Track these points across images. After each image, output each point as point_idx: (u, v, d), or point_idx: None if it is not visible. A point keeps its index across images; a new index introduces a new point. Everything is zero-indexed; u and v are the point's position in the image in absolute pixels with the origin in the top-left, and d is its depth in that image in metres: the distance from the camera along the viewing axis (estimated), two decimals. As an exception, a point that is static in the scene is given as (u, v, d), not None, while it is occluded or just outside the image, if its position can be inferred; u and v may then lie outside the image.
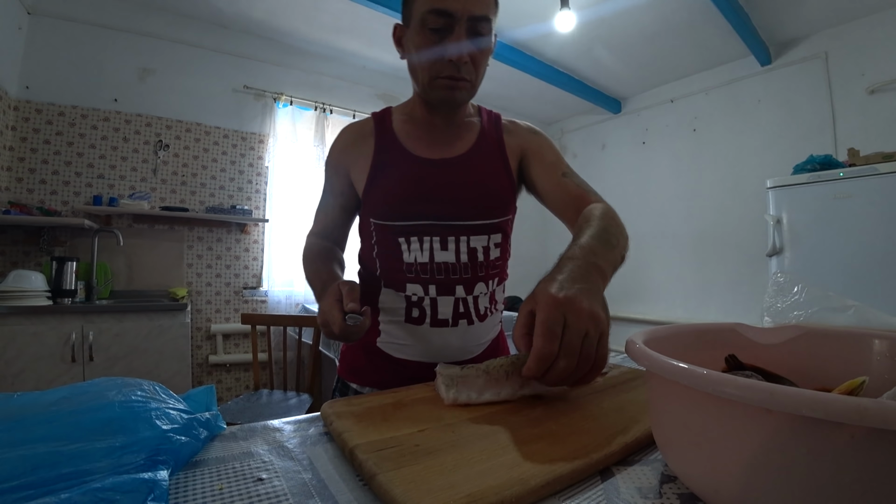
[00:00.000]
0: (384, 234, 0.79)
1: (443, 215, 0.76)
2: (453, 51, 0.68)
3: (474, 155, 0.81)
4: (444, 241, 0.77)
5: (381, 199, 0.78)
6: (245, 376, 2.93)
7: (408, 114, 0.84)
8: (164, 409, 0.40)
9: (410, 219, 0.76)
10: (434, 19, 0.67)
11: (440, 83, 0.72)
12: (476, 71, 0.74)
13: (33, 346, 1.87)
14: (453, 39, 0.68)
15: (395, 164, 0.79)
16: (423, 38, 0.70)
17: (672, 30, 2.79)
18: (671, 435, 0.33)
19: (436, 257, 0.76)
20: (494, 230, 0.80)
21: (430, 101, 0.78)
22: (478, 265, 0.78)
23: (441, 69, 0.71)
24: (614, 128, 4.01)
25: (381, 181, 0.79)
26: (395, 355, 0.79)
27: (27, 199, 2.36)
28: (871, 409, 0.20)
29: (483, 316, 0.80)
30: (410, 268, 0.77)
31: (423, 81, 0.74)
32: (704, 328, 0.47)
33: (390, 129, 0.82)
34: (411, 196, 0.76)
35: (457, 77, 0.71)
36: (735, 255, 3.09)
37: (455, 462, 0.35)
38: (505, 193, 0.81)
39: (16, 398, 0.39)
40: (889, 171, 1.88)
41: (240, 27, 2.91)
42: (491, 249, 0.80)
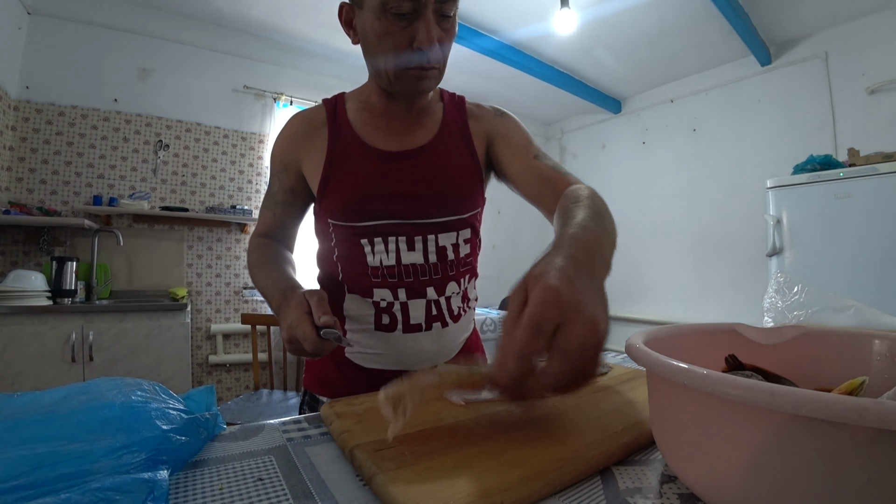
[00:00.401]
0: (345, 236, 0.72)
1: (407, 213, 0.70)
2: (423, 39, 0.60)
3: (438, 144, 0.74)
4: (410, 242, 0.71)
5: (339, 197, 0.71)
6: (245, 376, 2.93)
7: (363, 101, 0.75)
8: (164, 409, 0.40)
9: (372, 218, 0.70)
10: (398, 4, 0.58)
11: (408, 74, 0.64)
12: (444, 56, 0.66)
13: (33, 346, 1.87)
14: (421, 25, 0.60)
15: (352, 159, 0.71)
16: (386, 25, 0.60)
17: (672, 30, 2.79)
18: (671, 435, 0.33)
19: (403, 259, 0.71)
20: (463, 226, 0.74)
21: (395, 92, 0.70)
22: (448, 264, 0.73)
23: (409, 59, 0.63)
24: (614, 128, 4.01)
25: (338, 178, 0.71)
26: (366, 366, 0.73)
27: (27, 199, 2.36)
28: (871, 409, 0.20)
29: (457, 316, 0.75)
30: (376, 272, 0.71)
31: (388, 72, 0.65)
32: (704, 328, 0.47)
33: (345, 119, 0.74)
34: (372, 194, 0.70)
35: (426, 66, 0.64)
36: (735, 255, 3.09)
37: (455, 462, 0.35)
38: (472, 185, 0.75)
39: (16, 398, 0.39)
40: (889, 171, 1.88)
41: (240, 27, 2.91)
42: (460, 246, 0.75)
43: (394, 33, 0.61)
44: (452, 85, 3.00)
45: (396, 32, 0.61)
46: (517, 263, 3.85)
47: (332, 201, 0.71)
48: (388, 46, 0.63)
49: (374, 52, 0.65)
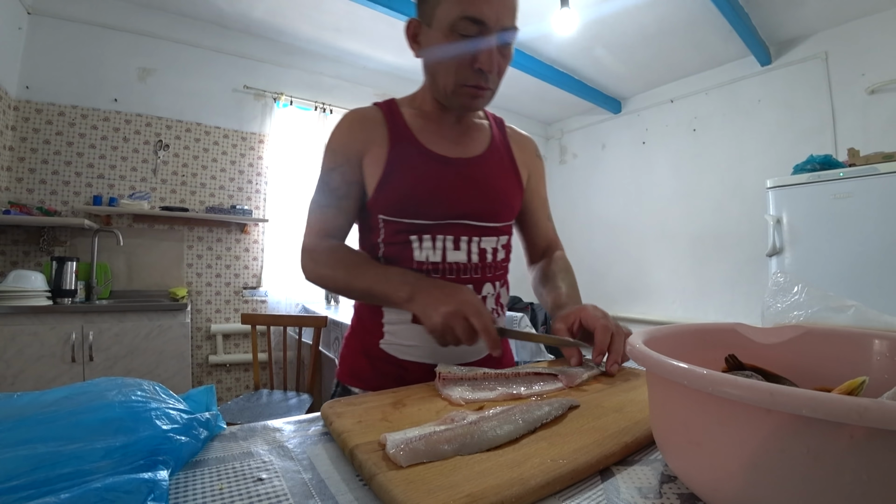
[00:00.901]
0: (394, 231, 0.76)
1: (458, 214, 0.76)
2: (485, 61, 0.67)
3: (489, 157, 0.82)
4: (456, 241, 0.76)
5: (397, 195, 0.75)
6: (245, 376, 2.93)
7: (417, 108, 0.81)
8: (164, 409, 0.40)
9: (425, 217, 0.75)
10: (467, 26, 0.66)
11: (465, 91, 0.71)
12: (499, 80, 0.74)
13: (33, 346, 1.87)
14: (484, 48, 0.67)
15: (413, 160, 0.76)
16: (452, 44, 0.68)
17: (672, 30, 2.79)
18: (671, 435, 0.33)
19: (448, 257, 0.76)
20: (502, 232, 0.82)
21: (450, 106, 0.76)
22: (486, 266, 0.79)
23: (468, 77, 0.70)
24: (614, 128, 4.01)
25: (397, 175, 0.75)
26: (399, 357, 0.77)
27: (27, 199, 2.36)
28: (871, 409, 0.20)
29: None
30: (421, 267, 0.75)
31: (446, 86, 0.72)
32: (704, 328, 0.47)
33: (403, 122, 0.79)
34: (429, 193, 0.75)
35: (483, 87, 0.71)
36: (735, 255, 3.09)
37: (455, 462, 0.35)
38: (515, 198, 0.84)
39: (16, 398, 0.39)
40: (889, 171, 1.87)
41: (240, 27, 2.91)
42: (498, 251, 0.82)
43: (459, 52, 0.68)
44: (452, 85, 2.88)
45: (460, 52, 0.68)
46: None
47: (389, 197, 0.75)
48: (450, 63, 0.69)
49: (437, 67, 0.72)
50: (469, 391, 0.55)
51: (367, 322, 0.81)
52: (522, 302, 3.58)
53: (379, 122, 0.78)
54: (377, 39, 2.96)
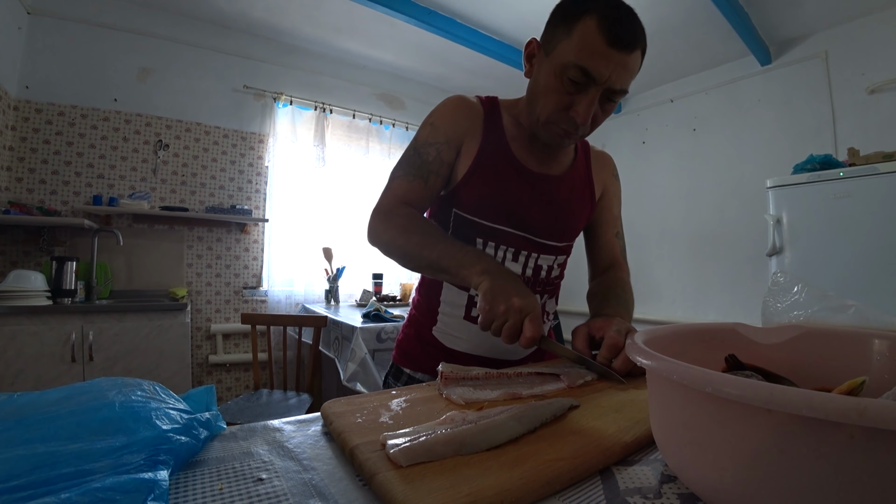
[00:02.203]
0: (463, 228, 0.79)
1: (526, 228, 0.79)
2: (581, 113, 0.67)
3: (568, 178, 0.83)
4: (517, 254, 0.80)
5: (475, 194, 0.77)
6: (245, 376, 2.93)
7: (515, 116, 0.81)
8: (164, 409, 0.40)
9: (497, 222, 0.78)
10: (577, 74, 0.64)
11: (553, 129, 0.71)
12: (593, 128, 0.73)
13: (33, 346, 1.87)
14: (586, 100, 0.66)
15: (499, 165, 0.77)
16: (558, 84, 0.67)
17: (672, 30, 2.79)
18: (671, 435, 0.33)
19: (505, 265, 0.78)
20: (562, 252, 0.85)
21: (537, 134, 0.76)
22: (539, 281, 0.83)
23: (561, 119, 0.70)
24: (614, 128, 4.01)
25: (482, 177, 0.77)
26: (447, 345, 0.82)
27: (27, 199, 2.36)
28: (871, 409, 0.20)
29: None
30: None
31: (540, 118, 0.72)
32: (704, 328, 0.47)
33: (500, 125, 0.80)
34: (506, 201, 0.77)
35: (571, 132, 0.71)
36: (735, 255, 3.09)
37: (455, 462, 0.35)
38: (583, 220, 0.87)
39: (16, 398, 0.39)
40: (889, 171, 1.87)
41: (240, 27, 2.91)
42: (553, 269, 0.85)
43: (560, 93, 0.68)
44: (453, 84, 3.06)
45: (563, 94, 0.67)
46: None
47: (468, 195, 0.77)
48: (550, 100, 0.69)
49: (537, 96, 0.72)
50: (470, 391, 0.55)
51: (424, 311, 0.86)
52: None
53: (480, 115, 0.79)
54: (377, 39, 2.96)
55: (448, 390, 0.54)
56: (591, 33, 0.62)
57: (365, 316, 2.21)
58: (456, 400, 0.52)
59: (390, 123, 3.39)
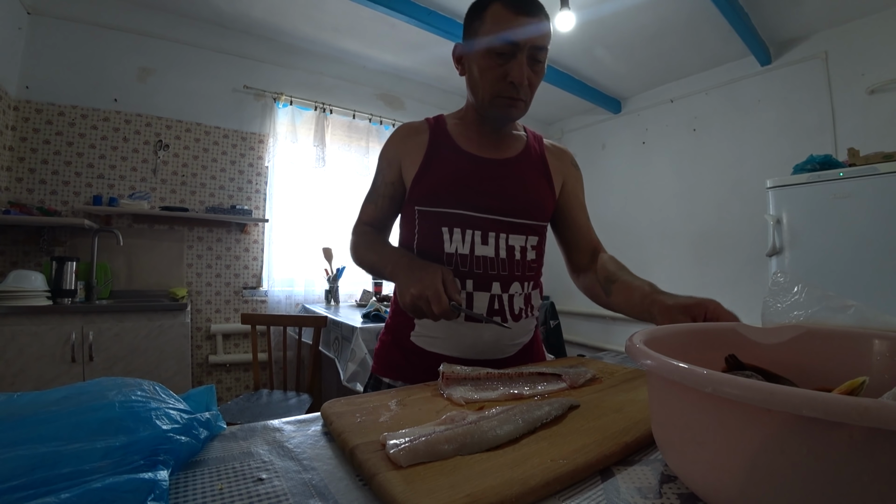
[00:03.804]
0: (428, 222, 0.83)
1: (487, 208, 0.82)
2: (516, 75, 0.75)
3: (521, 161, 0.88)
4: (485, 236, 0.82)
5: (431, 186, 0.83)
6: (245, 376, 2.93)
7: (460, 118, 0.90)
8: (164, 409, 0.40)
9: (455, 207, 0.81)
10: (501, 46, 0.75)
11: (500, 101, 0.79)
12: (531, 93, 0.81)
13: (33, 346, 1.87)
14: (516, 65, 0.75)
15: (448, 157, 0.84)
16: (489, 62, 0.77)
17: (672, 30, 2.79)
18: (671, 435, 0.33)
19: (476, 250, 0.81)
20: (532, 232, 0.86)
21: (487, 116, 0.83)
22: (514, 263, 0.83)
23: (502, 89, 0.78)
24: (614, 128, 4.01)
25: (433, 170, 0.84)
26: (428, 349, 0.82)
27: (27, 199, 2.36)
28: (871, 409, 0.20)
29: (518, 316, 0.83)
30: (451, 259, 0.81)
31: (484, 98, 0.80)
32: (704, 328, 0.47)
33: (444, 129, 0.88)
34: (459, 185, 0.82)
35: (515, 98, 0.78)
36: (735, 255, 3.09)
37: (455, 462, 0.35)
38: (546, 200, 0.88)
39: (16, 398, 0.39)
40: (889, 171, 1.87)
41: (240, 27, 2.91)
42: (528, 251, 0.85)
43: (493, 69, 0.77)
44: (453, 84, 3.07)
45: (496, 68, 0.77)
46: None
47: (425, 188, 0.83)
48: (487, 78, 0.78)
49: (476, 83, 0.81)
50: (471, 391, 0.55)
51: (400, 317, 0.87)
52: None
53: (423, 130, 0.89)
54: (377, 39, 2.96)
55: (449, 390, 0.54)
56: (500, 11, 0.75)
57: (365, 316, 2.21)
58: (457, 400, 0.52)
59: (390, 124, 3.38)
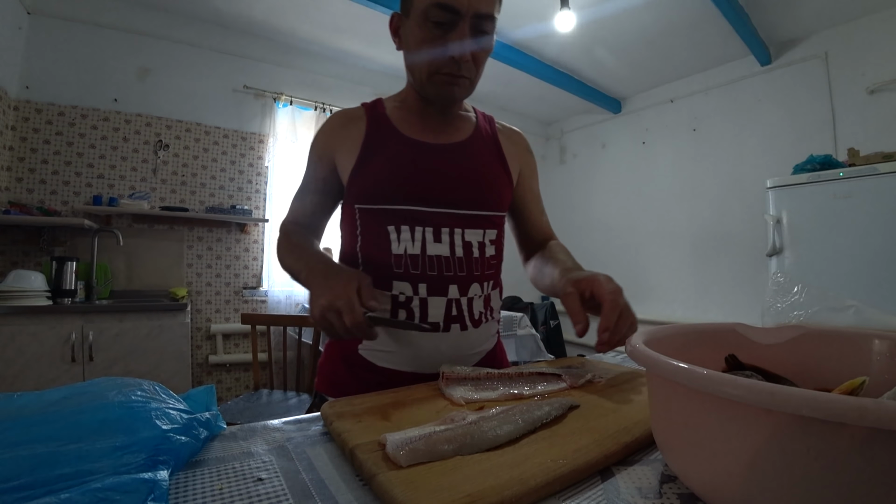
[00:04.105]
0: (371, 222, 0.72)
1: (438, 200, 0.71)
2: (456, 49, 0.66)
3: (471, 144, 0.78)
4: (437, 232, 0.71)
5: (371, 180, 0.72)
6: (245, 376, 2.93)
7: (401, 101, 0.80)
8: (164, 409, 0.40)
9: (401, 202, 0.70)
10: (438, 13, 0.64)
11: (439, 79, 0.69)
12: (476, 69, 0.72)
13: (33, 346, 1.87)
14: (456, 36, 0.65)
15: (388, 146, 0.74)
16: (425, 33, 0.66)
17: (672, 30, 2.79)
18: (671, 435, 0.33)
19: (428, 249, 0.71)
20: (489, 225, 0.77)
21: (427, 96, 0.74)
22: (473, 261, 0.73)
23: (441, 66, 0.68)
24: (614, 128, 4.01)
25: (372, 163, 0.73)
26: (378, 364, 0.72)
27: (27, 199, 2.36)
28: (871, 409, 0.20)
29: (478, 321, 0.74)
30: (399, 261, 0.70)
31: (422, 76, 0.70)
32: (704, 328, 0.47)
33: (383, 114, 0.78)
34: (404, 177, 0.71)
35: (457, 74, 0.69)
36: (735, 255, 3.09)
37: (455, 462, 0.35)
38: (501, 187, 0.79)
39: (16, 398, 0.39)
40: (889, 171, 1.87)
41: (240, 27, 2.91)
42: (486, 246, 0.76)
43: (431, 40, 0.67)
44: (452, 85, 2.86)
45: (434, 40, 0.67)
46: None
47: (362, 183, 0.73)
48: (425, 52, 0.68)
49: (413, 56, 0.71)
50: (471, 391, 0.55)
51: None
52: (522, 302, 3.58)
53: (358, 117, 0.78)
54: (377, 39, 2.96)
55: (449, 390, 0.54)
56: None
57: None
58: (457, 400, 0.52)
59: (390, 123, 3.38)
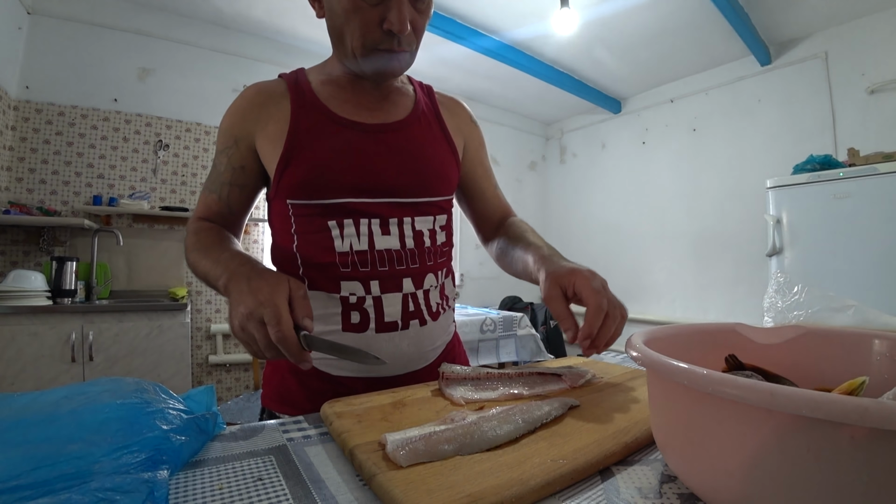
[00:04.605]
0: (308, 218, 0.64)
1: (381, 189, 0.64)
2: (395, 20, 0.56)
3: (413, 123, 0.70)
4: (384, 224, 0.64)
5: (304, 171, 0.62)
6: (245, 376, 2.93)
7: (327, 74, 0.70)
8: (164, 409, 0.40)
9: (342, 194, 0.62)
10: None
11: (377, 55, 0.60)
12: (417, 39, 0.63)
13: (33, 346, 1.87)
14: (394, 4, 0.57)
15: (320, 129, 0.64)
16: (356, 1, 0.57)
17: (672, 30, 2.79)
18: (671, 435, 0.33)
19: (376, 243, 0.63)
20: (439, 211, 0.70)
21: (362, 73, 0.65)
22: (425, 251, 0.67)
23: (377, 40, 0.59)
24: (614, 128, 4.01)
25: (302, 149, 0.63)
26: (333, 374, 0.65)
27: (27, 199, 2.36)
28: (871, 409, 0.20)
29: (436, 314, 0.69)
30: (345, 259, 0.63)
31: (354, 51, 0.61)
32: (704, 328, 0.47)
33: (310, 90, 0.67)
34: (342, 165, 0.62)
35: (396, 49, 0.60)
36: (735, 255, 3.09)
37: (455, 462, 0.35)
38: (449, 169, 0.72)
39: (16, 398, 0.39)
40: (889, 171, 1.88)
41: (240, 27, 2.91)
42: (437, 233, 0.70)
43: (363, 10, 0.57)
44: (452, 84, 3.07)
45: (366, 9, 0.57)
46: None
47: (295, 175, 0.62)
48: (355, 24, 0.58)
49: (341, 29, 0.61)
50: (472, 391, 0.55)
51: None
52: (522, 302, 3.58)
53: (280, 94, 0.67)
54: (377, 39, 2.96)
55: (449, 390, 0.54)
56: None
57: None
58: (457, 400, 0.52)
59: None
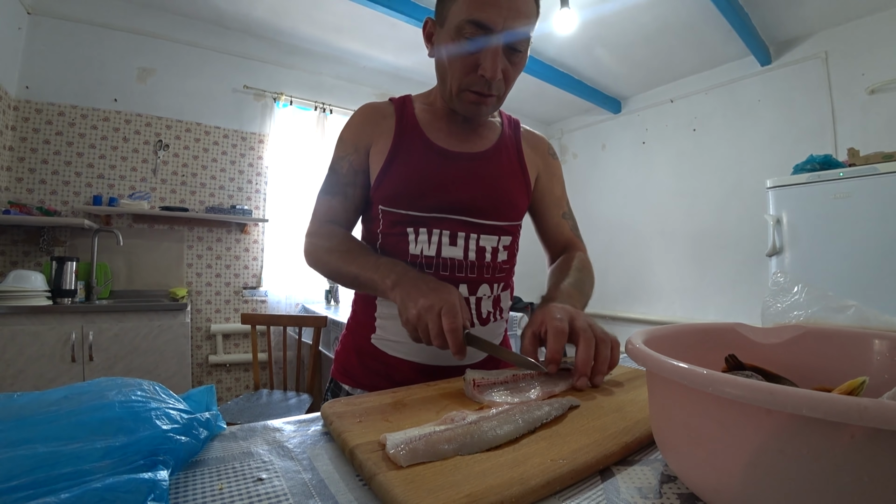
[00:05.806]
0: (392, 223, 0.76)
1: (457, 209, 0.75)
2: (487, 68, 0.66)
3: (495, 154, 0.80)
4: (453, 237, 0.75)
5: (396, 184, 0.75)
6: (245, 376, 2.93)
7: (429, 104, 0.81)
8: (164, 409, 0.40)
9: (423, 209, 0.74)
10: (472, 30, 0.64)
11: (468, 97, 0.70)
12: (506, 86, 0.72)
13: (33, 346, 1.87)
14: (489, 54, 0.65)
15: (415, 151, 0.76)
16: (457, 47, 0.67)
17: (672, 30, 2.79)
18: (671, 435, 0.33)
19: (443, 252, 0.74)
20: (504, 232, 0.80)
21: (454, 109, 0.76)
22: (484, 265, 0.77)
23: (471, 83, 0.69)
24: (614, 128, 4.01)
25: (398, 166, 0.75)
26: (389, 353, 0.76)
27: (27, 199, 2.36)
28: (871, 409, 0.20)
29: (485, 320, 0.78)
30: (415, 260, 0.74)
31: (451, 90, 0.71)
32: (704, 328, 0.47)
33: (412, 115, 0.79)
34: (428, 185, 0.74)
35: (486, 94, 0.69)
36: (735, 255, 3.09)
37: (455, 462, 0.35)
38: (520, 198, 0.82)
39: (16, 398, 0.39)
40: (889, 171, 1.87)
41: (240, 27, 2.91)
42: (499, 251, 0.79)
43: (463, 56, 0.67)
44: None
45: (465, 55, 0.67)
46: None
47: (389, 187, 0.75)
48: (455, 66, 0.69)
49: (444, 69, 0.71)
50: (508, 394, 0.54)
51: (360, 317, 0.81)
52: (522, 302, 3.58)
53: (389, 114, 0.79)
54: (377, 39, 2.96)
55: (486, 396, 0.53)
56: None
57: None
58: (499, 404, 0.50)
59: (390, 123, 3.38)
